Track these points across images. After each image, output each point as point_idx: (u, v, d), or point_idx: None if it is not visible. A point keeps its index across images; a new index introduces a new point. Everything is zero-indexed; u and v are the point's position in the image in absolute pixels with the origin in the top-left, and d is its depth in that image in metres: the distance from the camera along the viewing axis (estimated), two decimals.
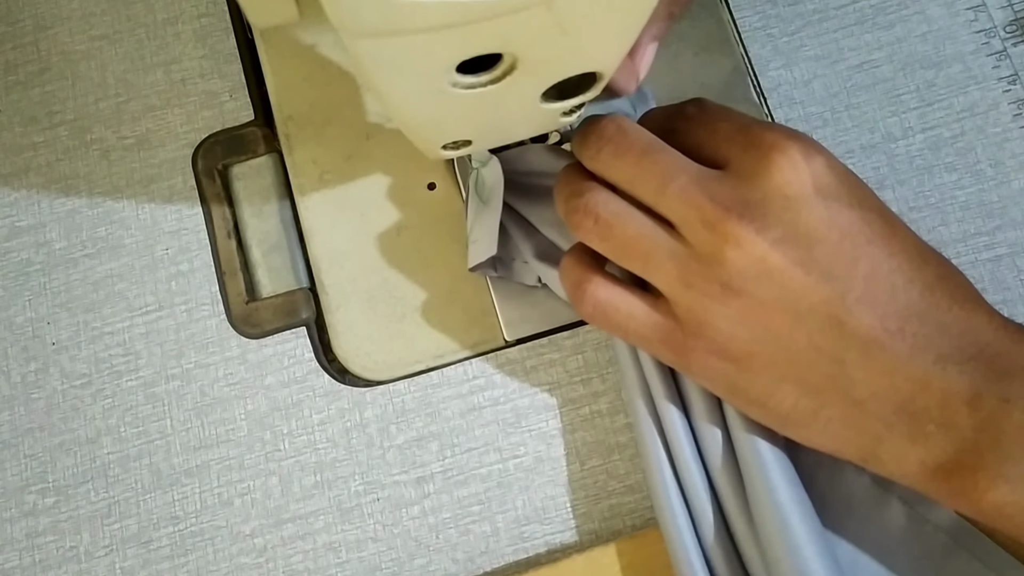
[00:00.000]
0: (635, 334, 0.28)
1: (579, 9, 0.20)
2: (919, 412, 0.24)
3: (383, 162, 0.37)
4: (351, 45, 0.21)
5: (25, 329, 0.36)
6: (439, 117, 0.26)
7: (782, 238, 0.25)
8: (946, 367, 0.24)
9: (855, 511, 0.30)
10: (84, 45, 0.39)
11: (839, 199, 0.26)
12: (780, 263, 0.25)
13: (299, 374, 0.35)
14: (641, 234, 0.27)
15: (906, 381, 0.24)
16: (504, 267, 0.34)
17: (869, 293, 0.25)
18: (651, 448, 0.30)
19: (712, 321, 0.26)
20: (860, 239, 0.25)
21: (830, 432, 0.26)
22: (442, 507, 0.33)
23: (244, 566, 0.33)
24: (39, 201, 0.37)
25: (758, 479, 0.27)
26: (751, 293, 0.25)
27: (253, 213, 0.37)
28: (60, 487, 0.34)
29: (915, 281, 0.25)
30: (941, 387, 0.24)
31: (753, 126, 0.27)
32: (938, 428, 0.24)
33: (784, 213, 0.25)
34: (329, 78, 0.37)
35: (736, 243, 0.25)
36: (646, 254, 0.27)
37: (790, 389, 0.26)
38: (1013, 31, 0.37)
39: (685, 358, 0.27)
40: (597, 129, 0.28)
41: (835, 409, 0.25)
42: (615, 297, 0.28)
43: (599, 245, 0.28)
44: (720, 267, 0.25)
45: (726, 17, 0.38)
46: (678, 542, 0.29)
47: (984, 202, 0.35)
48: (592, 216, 0.27)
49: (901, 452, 0.25)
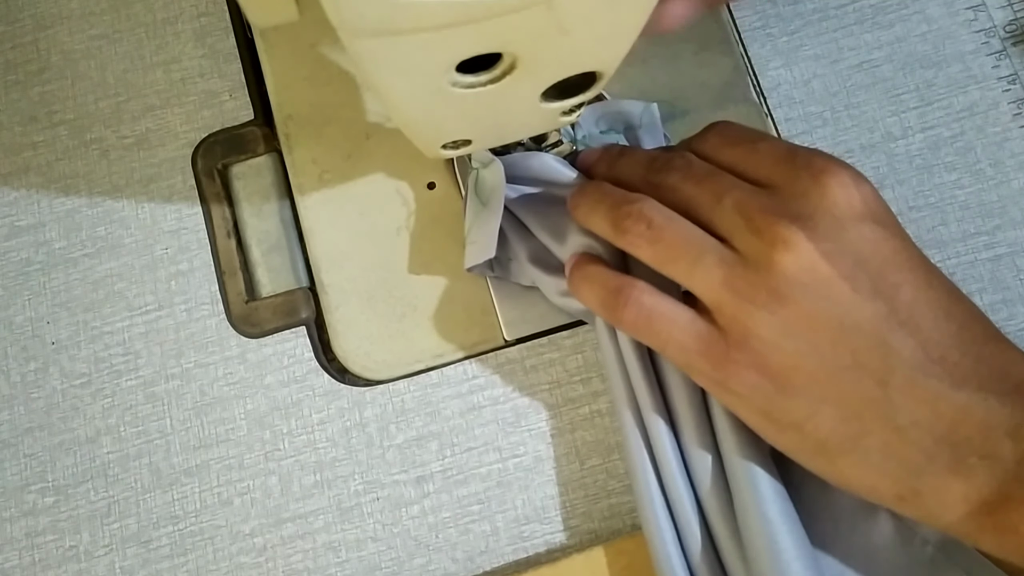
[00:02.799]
0: (676, 344, 0.27)
1: (579, 9, 0.20)
2: (961, 443, 0.24)
3: (383, 161, 0.37)
4: (351, 45, 0.21)
5: (25, 328, 0.36)
6: (439, 116, 0.26)
7: (831, 251, 0.25)
8: (987, 398, 0.24)
9: (843, 524, 0.30)
10: (84, 44, 0.39)
11: (885, 226, 0.26)
12: (829, 274, 0.25)
13: (299, 373, 0.35)
14: (691, 239, 0.27)
15: (948, 409, 0.24)
16: (501, 267, 0.34)
17: (912, 319, 0.25)
18: (638, 461, 0.30)
19: (757, 330, 0.26)
20: (904, 267, 0.26)
21: (868, 462, 0.25)
22: (442, 506, 0.33)
23: (244, 565, 0.33)
24: (39, 200, 0.37)
25: (747, 494, 0.27)
26: (798, 301, 0.25)
27: (253, 213, 0.37)
28: (60, 486, 0.34)
29: (952, 315, 0.25)
30: (982, 417, 0.24)
31: (799, 150, 0.28)
32: (980, 460, 0.24)
33: (833, 230, 0.26)
34: (329, 78, 0.37)
35: (786, 247, 0.25)
36: (695, 258, 0.27)
37: (830, 412, 0.25)
38: (1013, 31, 0.37)
39: (724, 372, 0.26)
40: (670, 159, 0.30)
41: (875, 437, 0.25)
42: (660, 302, 0.28)
43: (646, 250, 0.28)
44: (768, 272, 0.25)
45: (726, 17, 0.38)
46: (663, 555, 0.29)
47: (984, 202, 0.35)
48: (645, 221, 0.27)
49: (943, 485, 0.24)
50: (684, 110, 0.37)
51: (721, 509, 0.28)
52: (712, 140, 0.30)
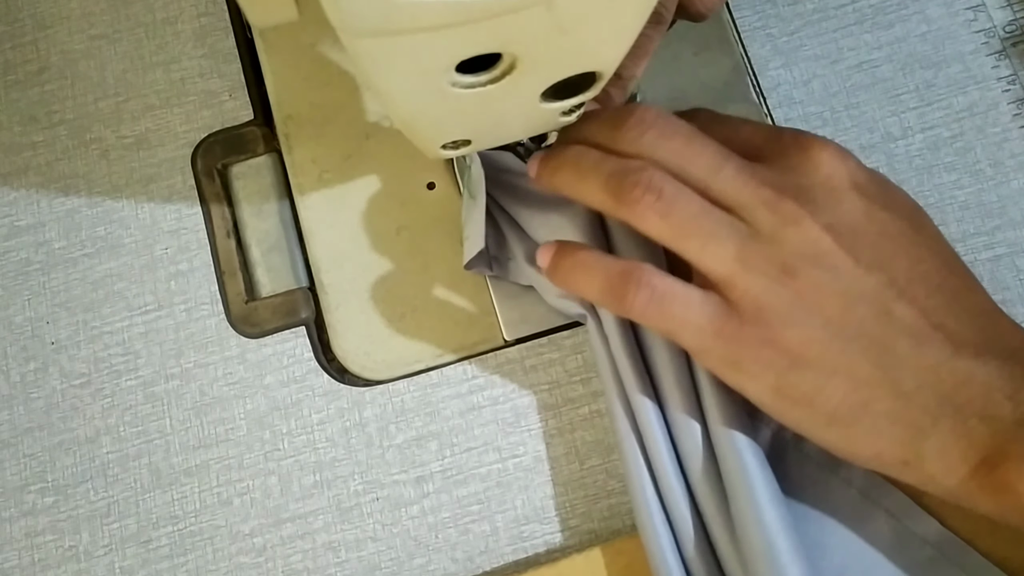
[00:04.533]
0: (692, 326, 0.26)
1: (579, 9, 0.20)
2: (963, 405, 0.25)
3: (383, 162, 0.37)
4: (350, 45, 0.21)
5: (24, 328, 0.36)
6: (438, 117, 0.26)
7: (831, 224, 0.26)
8: (987, 363, 0.25)
9: (841, 524, 0.30)
10: (83, 44, 0.39)
11: (874, 199, 0.27)
12: (831, 247, 0.26)
13: (298, 373, 0.35)
14: (703, 212, 0.26)
15: (950, 374, 0.25)
16: (500, 266, 0.34)
17: (910, 288, 0.26)
18: (632, 463, 0.30)
19: (770, 303, 0.26)
20: (898, 239, 0.26)
21: (876, 429, 0.25)
22: (441, 506, 0.33)
23: (243, 565, 0.33)
24: (38, 200, 0.37)
25: (743, 496, 0.27)
26: (807, 275, 0.26)
27: (252, 213, 0.37)
28: (59, 486, 0.34)
29: (944, 288, 0.26)
30: (983, 381, 0.25)
31: (784, 129, 0.29)
32: (981, 421, 0.24)
33: (829, 203, 0.26)
34: (329, 78, 0.37)
35: (795, 222, 0.26)
36: (709, 233, 0.26)
37: (839, 383, 0.25)
38: (1012, 31, 0.37)
39: (738, 350, 0.26)
40: (636, 114, 0.28)
41: (883, 403, 0.25)
42: (672, 284, 0.27)
43: (656, 223, 0.26)
44: (779, 246, 0.26)
45: (725, 17, 0.38)
46: (659, 558, 0.28)
47: (983, 202, 0.35)
48: (655, 192, 0.26)
49: (945, 447, 0.25)
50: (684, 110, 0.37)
51: (718, 511, 0.28)
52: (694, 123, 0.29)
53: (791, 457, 0.31)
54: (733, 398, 0.29)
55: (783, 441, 0.31)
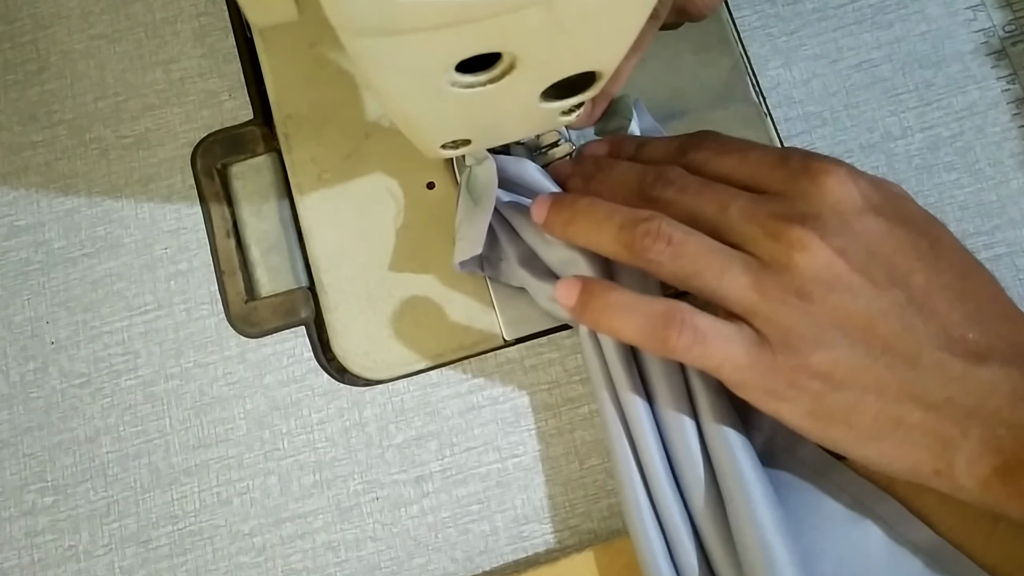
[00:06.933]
0: (732, 363, 0.27)
1: (579, 8, 0.20)
2: (991, 414, 0.25)
3: (382, 161, 0.37)
4: (350, 45, 0.21)
5: (24, 328, 0.36)
6: (438, 116, 0.26)
7: (843, 248, 0.26)
8: (1011, 372, 0.25)
9: (834, 530, 0.30)
10: (83, 44, 0.39)
11: (888, 217, 0.27)
12: (844, 269, 0.26)
13: (298, 373, 0.35)
14: (712, 251, 0.27)
15: (977, 384, 0.25)
16: (491, 266, 0.34)
17: (929, 302, 0.26)
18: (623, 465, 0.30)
19: (795, 327, 0.26)
20: (911, 255, 0.27)
21: (910, 441, 0.26)
22: (441, 506, 0.33)
23: (243, 565, 0.33)
24: (38, 200, 0.37)
25: (738, 497, 0.27)
26: (823, 299, 0.26)
27: (252, 212, 0.37)
28: (59, 486, 0.34)
29: (965, 297, 0.26)
30: (1009, 390, 0.25)
31: (791, 153, 0.29)
32: (1009, 430, 0.25)
33: (840, 226, 0.27)
34: (328, 77, 0.37)
35: (802, 247, 0.26)
36: (721, 269, 0.27)
37: (872, 401, 0.26)
38: (1012, 31, 0.37)
39: (773, 378, 0.26)
40: (662, 173, 0.30)
41: (914, 416, 0.26)
42: (712, 323, 0.27)
43: (668, 267, 0.28)
44: (791, 273, 0.26)
45: (725, 16, 0.38)
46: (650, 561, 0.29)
47: (983, 201, 0.35)
48: (665, 238, 0.27)
49: (975, 456, 0.25)
50: (683, 110, 0.37)
51: (712, 512, 0.28)
52: (702, 153, 0.30)
53: (784, 463, 0.31)
54: (726, 400, 0.29)
55: (776, 447, 0.31)
